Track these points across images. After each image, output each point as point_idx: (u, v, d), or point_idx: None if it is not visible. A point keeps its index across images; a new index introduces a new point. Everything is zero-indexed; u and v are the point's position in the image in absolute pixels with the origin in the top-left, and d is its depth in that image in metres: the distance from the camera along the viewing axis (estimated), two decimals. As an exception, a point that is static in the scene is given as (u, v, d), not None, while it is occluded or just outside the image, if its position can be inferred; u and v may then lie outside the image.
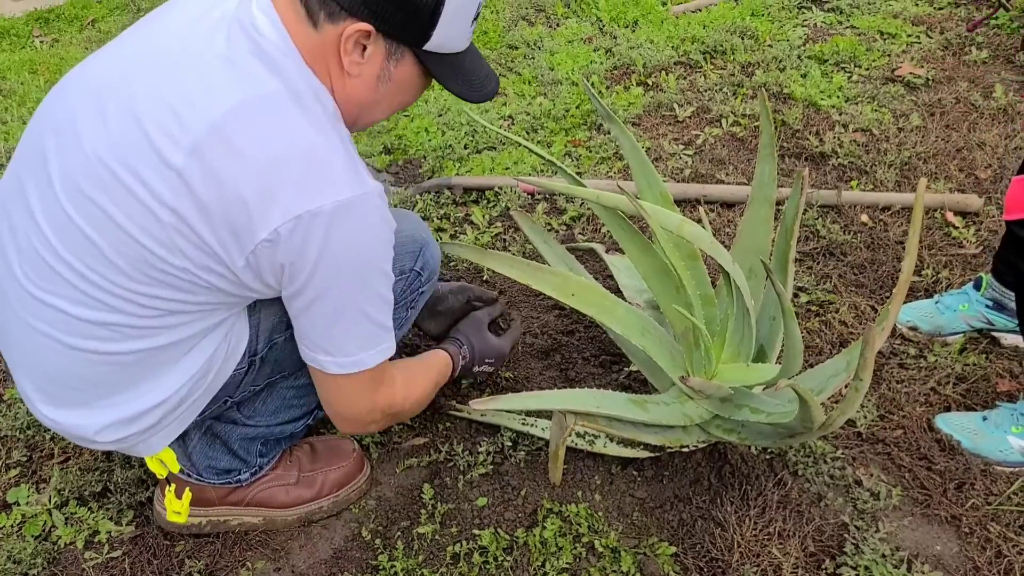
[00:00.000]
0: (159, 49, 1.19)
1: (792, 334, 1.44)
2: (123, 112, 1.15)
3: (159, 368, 1.29)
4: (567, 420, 1.49)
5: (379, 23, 1.16)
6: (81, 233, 1.17)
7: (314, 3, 1.16)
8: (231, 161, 1.11)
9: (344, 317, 1.25)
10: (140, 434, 1.34)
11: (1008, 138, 2.58)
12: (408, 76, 1.26)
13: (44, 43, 3.59)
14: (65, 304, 1.21)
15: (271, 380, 1.47)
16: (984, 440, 1.66)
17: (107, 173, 1.14)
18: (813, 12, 3.41)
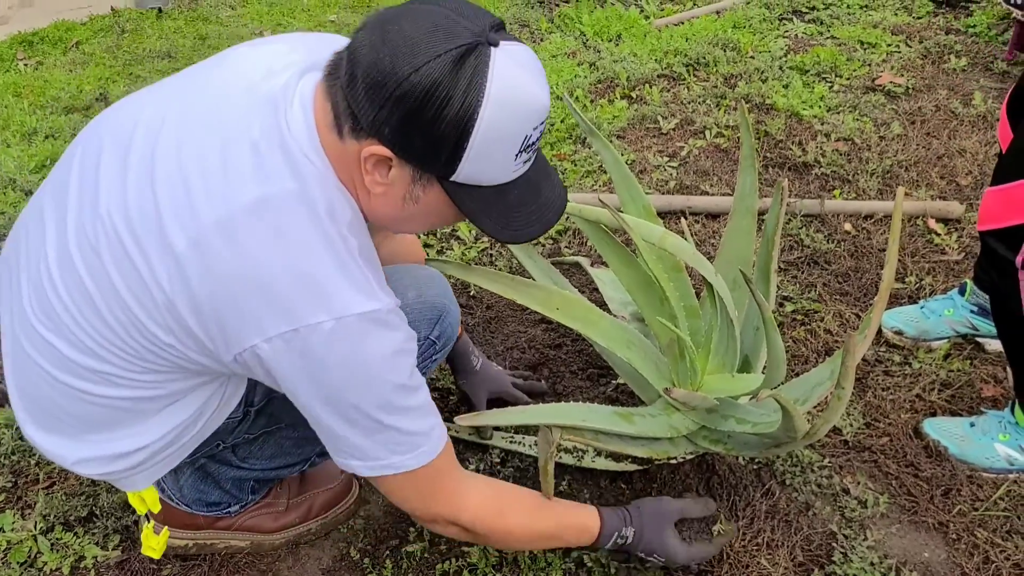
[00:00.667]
0: (200, 110, 1.15)
1: (774, 344, 1.44)
2: (143, 176, 1.11)
3: (145, 415, 1.27)
4: (553, 434, 1.49)
5: (399, 151, 1.07)
6: (82, 282, 1.15)
7: (342, 115, 1.08)
8: (229, 266, 1.06)
9: (357, 427, 1.16)
10: (122, 472, 1.32)
11: (988, 145, 2.60)
12: (438, 202, 1.13)
13: (28, 66, 3.59)
14: (58, 342, 1.19)
15: (268, 430, 1.44)
16: (971, 447, 1.67)
17: (115, 238, 1.11)
18: (794, 23, 3.44)
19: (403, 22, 1.05)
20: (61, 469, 1.73)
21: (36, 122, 3.02)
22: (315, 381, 1.11)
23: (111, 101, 3.22)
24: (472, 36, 1.03)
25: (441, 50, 1.02)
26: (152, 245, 1.09)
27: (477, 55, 1.03)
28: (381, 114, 1.04)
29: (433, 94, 1.02)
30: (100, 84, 3.34)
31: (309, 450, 1.49)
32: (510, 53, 1.05)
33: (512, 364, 1.97)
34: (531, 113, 1.07)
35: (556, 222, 1.21)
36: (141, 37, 3.76)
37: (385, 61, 1.03)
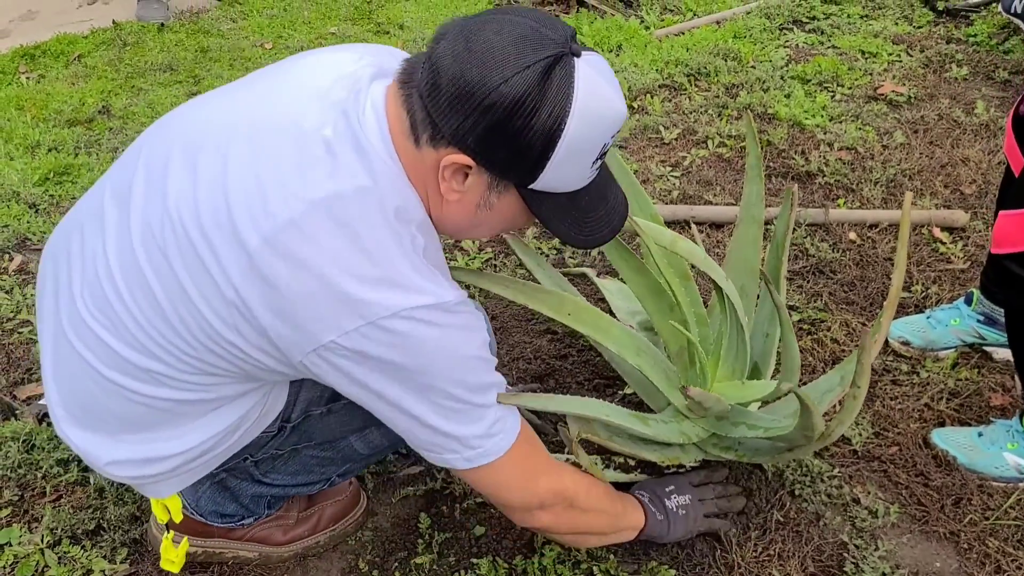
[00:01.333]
0: (271, 112, 1.15)
1: (790, 346, 1.44)
2: (214, 177, 1.12)
3: (188, 418, 1.26)
4: (570, 432, 1.49)
5: (482, 159, 1.09)
6: (145, 281, 1.14)
7: (419, 124, 1.10)
8: (302, 262, 1.06)
9: (445, 414, 1.16)
10: (152, 477, 1.31)
11: (991, 153, 2.61)
12: (511, 208, 1.17)
13: (30, 79, 3.59)
14: (112, 339, 1.19)
15: (296, 447, 1.43)
16: (980, 456, 1.66)
17: (184, 237, 1.11)
18: (795, 33, 3.45)
19: (487, 32, 1.06)
20: (68, 483, 1.72)
21: (39, 135, 3.02)
22: (399, 375, 1.11)
23: (113, 113, 3.22)
24: (557, 47, 1.05)
25: (529, 61, 1.03)
26: (223, 243, 1.09)
27: (563, 65, 1.05)
28: (466, 124, 1.05)
29: (522, 105, 1.03)
30: (102, 97, 3.35)
31: (332, 470, 1.48)
32: (591, 63, 1.08)
33: (518, 375, 1.96)
34: (612, 122, 1.10)
35: (622, 227, 1.24)
36: (143, 50, 3.77)
37: (472, 72, 1.04)
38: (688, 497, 1.55)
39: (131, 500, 1.67)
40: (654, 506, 1.51)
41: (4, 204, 2.62)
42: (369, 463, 1.54)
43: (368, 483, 1.71)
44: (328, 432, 1.39)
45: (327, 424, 1.39)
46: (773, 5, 3.63)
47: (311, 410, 1.38)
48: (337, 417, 1.39)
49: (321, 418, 1.38)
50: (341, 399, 1.33)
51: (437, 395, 1.14)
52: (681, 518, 1.52)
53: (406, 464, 1.75)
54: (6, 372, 2.04)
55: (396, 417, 1.18)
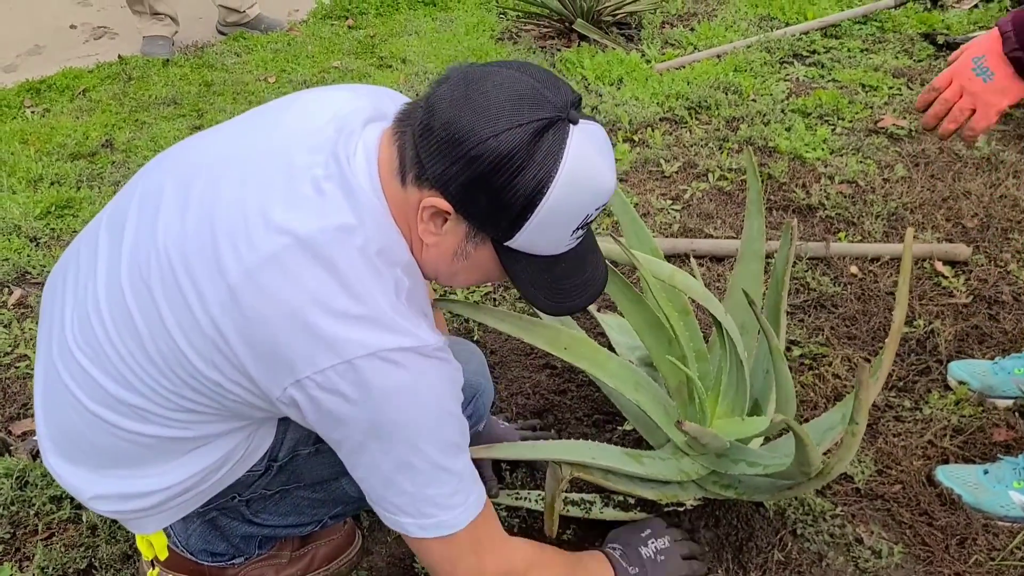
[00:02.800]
0: (264, 149, 1.16)
1: (783, 377, 1.42)
2: (202, 209, 1.12)
3: (172, 455, 1.25)
4: (562, 471, 1.47)
5: (461, 208, 1.09)
6: (129, 314, 1.14)
7: (408, 162, 1.10)
8: (281, 298, 1.06)
9: (407, 472, 1.13)
10: (136, 512, 1.30)
11: (993, 187, 2.60)
12: (487, 261, 1.16)
13: (35, 113, 3.61)
14: (97, 372, 1.18)
15: (286, 487, 1.41)
16: (985, 495, 1.64)
17: (168, 268, 1.11)
18: (795, 66, 3.46)
19: (488, 84, 1.07)
20: (60, 521, 1.70)
21: (42, 169, 3.03)
22: (368, 419, 1.09)
23: (116, 147, 3.24)
24: (555, 110, 1.05)
25: (523, 119, 1.04)
26: (205, 276, 1.09)
27: (557, 130, 1.05)
28: (451, 170, 1.06)
29: (508, 162, 1.03)
30: (106, 131, 3.36)
31: (323, 512, 1.46)
32: (588, 132, 1.08)
33: (517, 411, 1.94)
34: (597, 195, 1.10)
35: (596, 299, 1.22)
36: (147, 84, 3.79)
37: (465, 120, 1.04)
38: (666, 540, 1.51)
39: (123, 538, 1.65)
40: (626, 560, 1.47)
41: (5, 238, 2.62)
42: (362, 506, 1.52)
43: (363, 520, 1.69)
44: (317, 473, 1.37)
45: (315, 464, 1.37)
46: (773, 39, 3.64)
47: (299, 449, 1.36)
48: (325, 458, 1.37)
49: (309, 458, 1.36)
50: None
51: (403, 447, 1.11)
52: (660, 565, 1.47)
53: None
54: (1, 407, 2.02)
55: (359, 466, 1.16)
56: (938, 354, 2.01)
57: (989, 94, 1.36)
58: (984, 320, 2.10)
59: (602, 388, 1.87)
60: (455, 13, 4.36)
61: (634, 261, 1.41)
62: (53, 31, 4.58)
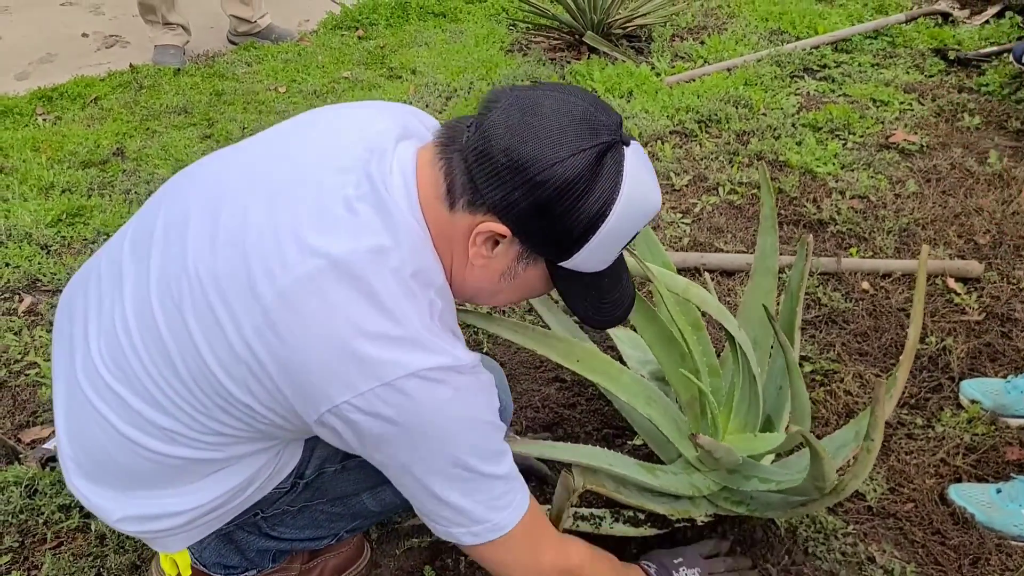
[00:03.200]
0: (291, 169, 1.15)
1: (799, 393, 1.42)
2: (233, 232, 1.11)
3: (200, 476, 1.24)
4: (574, 482, 1.46)
5: (519, 231, 1.10)
6: (160, 336, 1.13)
7: (459, 187, 1.10)
8: (316, 321, 1.05)
9: (458, 484, 1.13)
10: (162, 532, 1.29)
11: (1005, 203, 2.59)
12: (534, 280, 1.19)
13: (47, 121, 3.63)
14: (128, 394, 1.17)
15: (308, 504, 1.40)
16: (998, 514, 1.62)
17: (199, 292, 1.10)
18: (806, 81, 3.46)
19: (545, 109, 1.08)
20: (69, 530, 1.70)
21: (53, 176, 3.04)
22: (411, 438, 1.09)
23: (127, 156, 3.25)
24: (610, 134, 1.08)
25: (586, 145, 1.05)
26: (238, 300, 1.08)
27: (614, 153, 1.08)
28: (512, 195, 1.06)
29: (573, 187, 1.05)
30: (117, 139, 3.38)
31: (341, 526, 1.46)
32: (637, 153, 1.11)
33: (527, 424, 1.94)
34: (649, 213, 1.14)
35: (631, 312, 1.26)
36: (158, 93, 3.81)
37: (528, 147, 1.05)
38: (697, 571, 1.51)
39: (131, 548, 1.64)
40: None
41: (16, 245, 2.63)
42: (379, 520, 1.51)
43: (372, 533, 1.68)
44: (341, 489, 1.37)
45: (341, 481, 1.37)
46: (784, 53, 3.64)
47: (325, 467, 1.35)
48: (351, 475, 1.37)
49: (335, 475, 1.36)
50: (355, 457, 1.29)
51: (448, 462, 1.11)
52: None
53: (411, 515, 1.72)
54: (11, 415, 2.02)
55: (406, 483, 1.16)
56: (950, 371, 2.00)
57: None
58: (996, 337, 2.09)
59: (613, 402, 1.87)
60: (465, 24, 4.38)
61: (649, 274, 1.41)
62: (65, 39, 4.60)
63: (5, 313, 2.37)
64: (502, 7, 4.55)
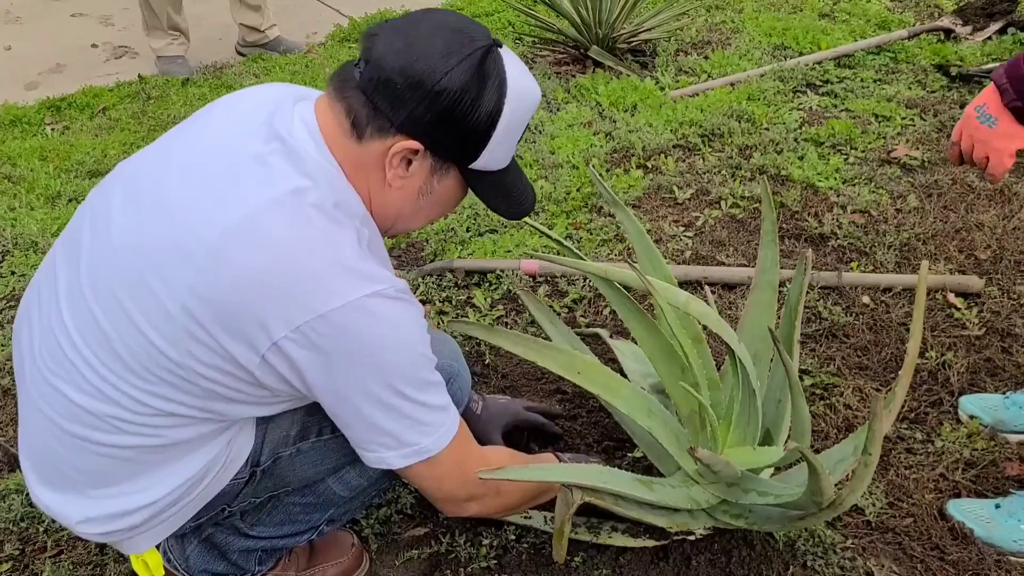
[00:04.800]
0: (199, 143, 1.23)
1: (799, 408, 1.42)
2: (153, 205, 1.18)
3: (153, 467, 1.26)
4: (573, 496, 1.47)
5: (430, 142, 1.20)
6: (95, 321, 1.17)
7: (364, 119, 1.19)
8: (247, 266, 1.11)
9: (391, 410, 1.20)
10: (126, 531, 1.31)
11: (1006, 219, 2.60)
12: (449, 190, 1.29)
13: (55, 131, 3.66)
14: (69, 389, 1.20)
15: (275, 494, 1.43)
16: (998, 529, 1.62)
17: (130, 267, 1.15)
18: (808, 96, 3.48)
19: (424, 30, 1.18)
20: (69, 538, 1.71)
21: (60, 186, 3.07)
22: (347, 366, 1.15)
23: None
24: (485, 39, 1.20)
25: (468, 51, 1.17)
26: (169, 264, 1.13)
27: (493, 55, 1.20)
28: (417, 111, 1.17)
29: (468, 90, 1.17)
30: (124, 149, 3.40)
31: (317, 517, 1.47)
32: (509, 53, 1.24)
33: (529, 435, 1.94)
34: (534, 103, 1.26)
35: (535, 204, 1.41)
36: (166, 103, 3.84)
37: (420, 64, 1.16)
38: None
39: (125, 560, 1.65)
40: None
41: (23, 253, 2.65)
42: (354, 508, 1.53)
43: (372, 544, 1.69)
44: (302, 474, 1.38)
45: (299, 465, 1.38)
46: (787, 68, 3.66)
47: (280, 452, 1.36)
48: (308, 457, 1.39)
49: (292, 459, 1.37)
50: (308, 438, 1.36)
51: (382, 388, 1.18)
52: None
53: (410, 526, 1.73)
54: (14, 422, 2.03)
55: (342, 412, 1.22)
56: (950, 386, 2.00)
57: (996, 139, 1.41)
58: (997, 353, 2.10)
59: (613, 414, 1.87)
60: (471, 38, 4.40)
61: (649, 288, 1.42)
62: (75, 50, 4.64)
63: (11, 321, 2.38)
64: (508, 21, 4.58)
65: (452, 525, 1.72)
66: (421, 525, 1.72)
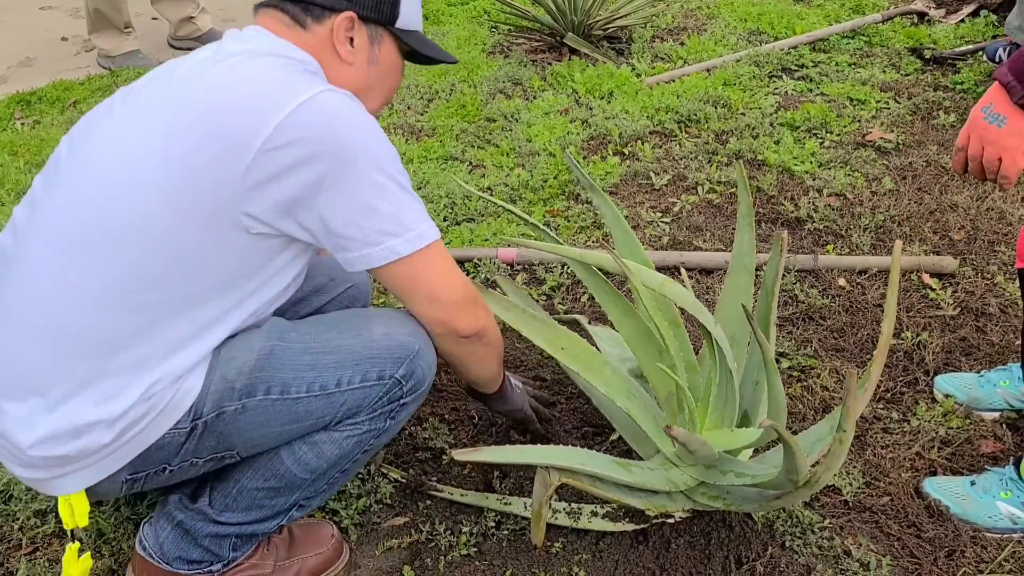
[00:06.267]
0: (162, 73, 1.37)
1: (775, 388, 1.43)
2: (124, 121, 1.33)
3: (117, 372, 1.27)
4: (550, 477, 1.47)
5: (357, 8, 1.39)
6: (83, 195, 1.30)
7: (298, 11, 1.38)
8: (225, 95, 1.26)
9: (385, 193, 1.30)
10: (68, 460, 1.28)
11: (980, 200, 2.62)
12: (390, 57, 1.48)
13: (25, 125, 3.61)
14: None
15: (217, 456, 1.40)
16: (973, 506, 1.64)
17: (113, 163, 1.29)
18: (784, 80, 3.48)
19: None
20: (45, 535, 1.69)
21: (31, 180, 3.02)
22: (330, 150, 1.25)
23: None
24: None
25: None
26: (148, 138, 1.27)
27: None
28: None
29: None
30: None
31: (282, 502, 1.46)
32: None
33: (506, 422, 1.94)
34: None
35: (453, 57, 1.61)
36: (138, 96, 3.80)
37: None
38: (521, 384, 1.80)
39: (107, 553, 1.64)
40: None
41: (-7, 249, 2.61)
42: (320, 491, 1.49)
43: (352, 535, 1.68)
44: (248, 437, 1.37)
45: (244, 425, 1.36)
46: (762, 53, 3.67)
47: (224, 405, 1.34)
48: (252, 416, 1.36)
49: (236, 416, 1.35)
50: (255, 395, 1.35)
51: (375, 171, 1.29)
52: (519, 394, 1.74)
53: (390, 516, 1.72)
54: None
55: (338, 210, 1.28)
56: (925, 366, 2.02)
57: (1007, 138, 1.36)
58: (971, 332, 2.11)
59: (592, 397, 1.87)
60: (447, 27, 4.38)
61: (624, 270, 1.42)
62: (44, 43, 4.58)
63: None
64: (484, 9, 4.56)
65: (431, 514, 1.71)
66: (401, 515, 1.72)
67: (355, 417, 1.41)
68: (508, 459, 1.53)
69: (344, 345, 1.40)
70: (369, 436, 1.44)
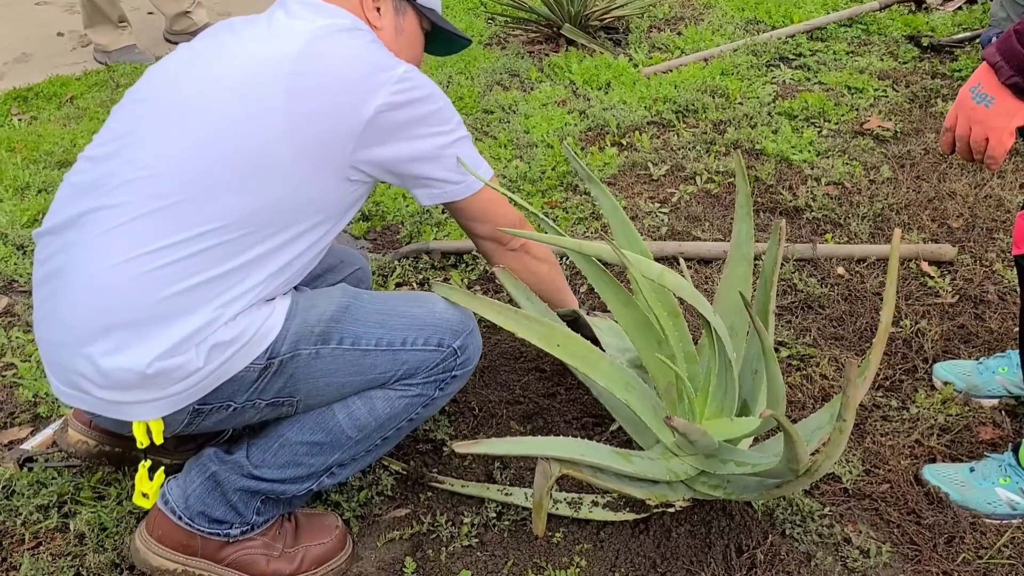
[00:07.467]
0: (230, 26, 1.54)
1: (774, 378, 1.43)
2: (218, 63, 1.46)
3: (212, 296, 1.35)
4: (551, 468, 1.47)
5: None
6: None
7: None
8: (326, 68, 1.41)
9: (461, 141, 1.55)
10: (167, 372, 1.32)
11: (978, 187, 2.62)
12: (413, 28, 1.65)
13: (22, 121, 3.60)
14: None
15: (278, 411, 1.48)
16: (972, 492, 1.64)
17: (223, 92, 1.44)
18: (781, 70, 3.48)
19: None
20: (47, 529, 1.69)
21: (29, 176, 3.03)
22: (431, 108, 1.49)
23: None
24: None
25: None
26: (261, 87, 1.40)
27: None
28: None
29: None
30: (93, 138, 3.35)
31: (320, 462, 1.51)
32: None
33: (507, 414, 1.95)
34: None
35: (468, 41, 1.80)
36: (135, 91, 3.78)
37: None
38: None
39: (110, 547, 1.64)
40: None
41: (-8, 246, 2.61)
42: (356, 459, 1.56)
43: (353, 527, 1.68)
44: (313, 385, 1.45)
45: (313, 371, 1.44)
46: (760, 42, 3.66)
47: (300, 348, 1.42)
48: (323, 363, 1.45)
49: (309, 361, 1.44)
50: (329, 343, 1.44)
51: (451, 122, 1.53)
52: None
53: (391, 507, 1.73)
54: (-12, 416, 2.01)
55: (428, 148, 1.50)
56: (924, 354, 2.02)
57: (994, 118, 1.37)
58: (970, 319, 2.12)
59: (592, 389, 1.88)
60: (443, 18, 4.37)
61: (623, 260, 1.42)
62: (40, 39, 4.57)
63: (-19, 314, 2.36)
64: (480, 0, 4.54)
65: (432, 505, 1.72)
66: (402, 506, 1.72)
67: (412, 379, 1.51)
68: (508, 451, 1.53)
69: (410, 312, 1.53)
70: (418, 402, 1.53)
